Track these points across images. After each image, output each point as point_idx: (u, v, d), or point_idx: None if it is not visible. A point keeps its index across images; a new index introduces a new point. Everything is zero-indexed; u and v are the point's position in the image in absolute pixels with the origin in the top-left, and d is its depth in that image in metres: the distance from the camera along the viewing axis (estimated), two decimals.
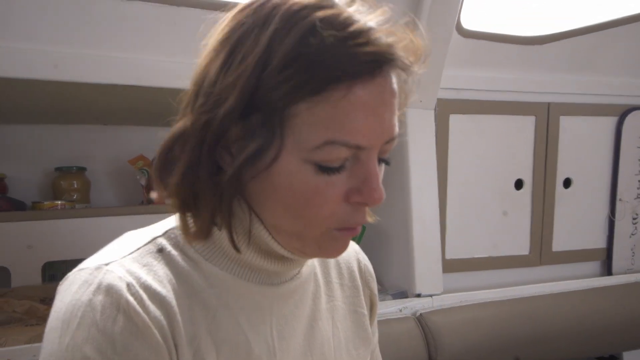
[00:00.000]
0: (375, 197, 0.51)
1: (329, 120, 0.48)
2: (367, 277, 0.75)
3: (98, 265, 0.52)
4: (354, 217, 0.53)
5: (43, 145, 1.47)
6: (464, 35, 1.43)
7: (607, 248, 1.79)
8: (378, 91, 0.49)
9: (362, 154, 0.51)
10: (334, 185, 0.51)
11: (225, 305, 0.56)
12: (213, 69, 0.51)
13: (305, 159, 0.50)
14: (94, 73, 1.12)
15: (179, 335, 0.52)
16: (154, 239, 0.57)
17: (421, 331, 1.34)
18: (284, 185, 0.51)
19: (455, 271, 1.57)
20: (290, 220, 0.53)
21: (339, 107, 0.48)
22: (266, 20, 0.49)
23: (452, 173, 1.55)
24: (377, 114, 0.50)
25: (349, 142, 0.49)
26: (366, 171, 0.51)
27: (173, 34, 1.17)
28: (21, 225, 1.27)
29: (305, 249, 0.55)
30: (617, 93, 1.72)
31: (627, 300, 1.63)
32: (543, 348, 1.46)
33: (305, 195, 0.51)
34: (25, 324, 1.11)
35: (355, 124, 0.49)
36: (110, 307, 0.49)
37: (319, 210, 0.51)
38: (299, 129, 0.49)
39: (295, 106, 0.48)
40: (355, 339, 0.69)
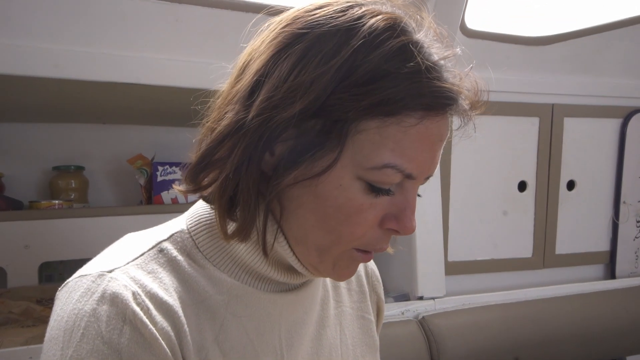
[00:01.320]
0: (409, 227, 0.52)
1: (395, 144, 0.48)
2: (374, 281, 0.73)
3: (101, 272, 0.50)
4: (379, 242, 0.53)
5: (40, 144, 1.46)
6: (468, 35, 1.42)
7: (610, 251, 1.78)
8: (441, 128, 0.50)
9: (408, 184, 0.51)
10: (375, 207, 0.50)
11: (233, 313, 0.54)
12: (284, 65, 0.48)
13: (359, 175, 0.49)
14: (92, 71, 1.11)
15: (186, 345, 0.50)
16: (159, 244, 0.55)
17: (423, 334, 1.33)
18: (328, 196, 0.49)
19: (458, 274, 1.56)
20: (320, 232, 0.51)
21: (408, 135, 0.48)
22: (352, 28, 0.48)
23: (454, 174, 1.54)
24: (433, 150, 0.51)
25: (405, 169, 0.49)
26: (406, 201, 0.51)
27: (173, 31, 1.16)
28: (18, 225, 1.25)
29: (321, 265, 0.54)
30: (622, 95, 1.72)
31: (631, 303, 1.62)
32: (546, 351, 1.45)
33: (347, 212, 0.50)
34: (21, 325, 1.09)
35: (416, 154, 0.49)
36: (115, 317, 0.47)
37: (355, 229, 0.51)
38: (361, 145, 0.48)
39: (366, 122, 0.48)
40: (362, 346, 0.68)
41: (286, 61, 0.48)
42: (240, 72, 0.52)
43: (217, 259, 0.55)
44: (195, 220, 0.57)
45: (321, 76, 0.47)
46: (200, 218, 0.57)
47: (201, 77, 1.11)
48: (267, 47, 0.50)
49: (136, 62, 1.14)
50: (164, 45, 1.16)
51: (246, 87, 0.50)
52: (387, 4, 0.52)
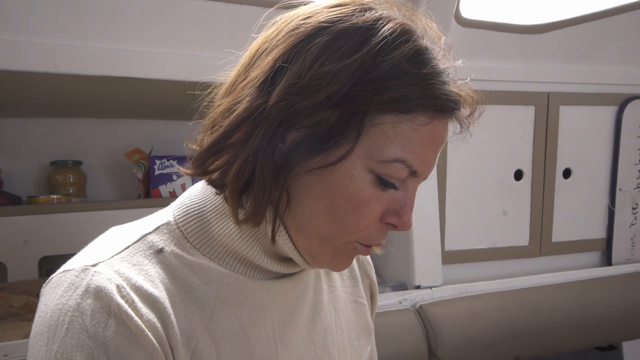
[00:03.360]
0: (407, 223, 0.54)
1: (406, 140, 0.50)
2: (366, 265, 0.74)
3: (84, 266, 0.50)
4: (378, 236, 0.55)
5: (38, 139, 1.46)
6: (463, 24, 1.41)
7: (606, 238, 1.78)
8: (444, 131, 0.53)
9: (410, 182, 0.54)
10: (380, 201, 0.52)
11: (223, 302, 0.55)
12: (306, 55, 0.49)
13: (370, 168, 0.51)
14: (89, 65, 1.11)
15: (173, 336, 0.50)
16: (144, 236, 0.55)
17: (421, 323, 1.34)
18: (339, 186, 0.51)
19: (455, 263, 1.56)
20: (325, 221, 0.52)
21: (419, 133, 0.51)
22: (373, 28, 0.50)
23: (451, 164, 1.54)
24: (435, 151, 0.54)
25: (413, 165, 0.51)
26: (407, 198, 0.54)
27: (169, 25, 1.16)
28: (17, 220, 1.26)
29: (320, 255, 0.55)
30: (617, 82, 1.71)
31: (627, 290, 1.63)
32: (542, 338, 1.46)
33: (355, 202, 0.51)
34: (22, 319, 1.10)
35: (423, 152, 0.52)
36: (100, 311, 0.47)
37: (360, 220, 0.52)
38: (376, 138, 0.50)
39: (382, 116, 0.50)
40: (357, 329, 0.69)
41: (310, 51, 0.49)
42: (254, 60, 0.53)
43: (206, 248, 0.56)
44: (182, 211, 0.57)
45: (345, 68, 0.48)
46: (188, 208, 0.57)
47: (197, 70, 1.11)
48: (286, 36, 0.51)
49: (132, 56, 1.14)
50: (160, 39, 1.16)
51: (266, 73, 0.50)
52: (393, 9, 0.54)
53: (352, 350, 0.67)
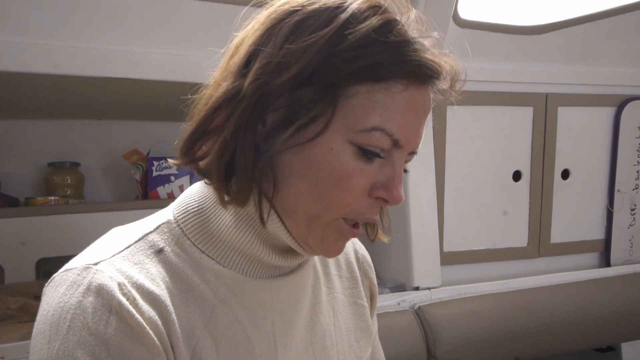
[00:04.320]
0: (396, 195, 0.53)
1: (383, 108, 0.50)
2: (366, 267, 0.74)
3: (86, 265, 0.50)
4: (368, 211, 0.54)
5: (35, 141, 1.45)
6: (461, 25, 1.42)
7: (605, 239, 1.78)
8: (424, 99, 0.53)
9: (395, 153, 0.53)
10: (366, 174, 0.52)
11: (223, 301, 0.55)
12: (277, 36, 0.51)
13: (349, 139, 0.51)
14: (86, 66, 1.10)
15: (174, 334, 0.51)
16: (145, 236, 0.55)
17: (419, 324, 1.34)
18: (320, 161, 0.51)
19: (454, 264, 1.56)
20: (311, 199, 0.52)
21: (395, 101, 0.51)
22: (340, 6, 0.51)
23: (449, 165, 1.54)
24: (418, 120, 0.53)
25: (393, 134, 0.51)
26: (394, 170, 0.53)
27: (166, 26, 1.16)
28: (14, 222, 1.25)
29: (309, 238, 0.54)
30: (616, 83, 1.71)
31: (625, 291, 1.63)
32: (541, 340, 1.46)
33: (338, 176, 0.51)
34: (19, 321, 1.10)
35: (402, 121, 0.51)
36: (101, 308, 0.47)
37: (346, 195, 0.52)
38: (352, 109, 0.50)
39: (356, 87, 0.50)
40: (356, 331, 0.69)
41: (281, 31, 0.51)
42: (235, 51, 0.55)
43: (206, 244, 0.56)
44: (182, 209, 0.58)
45: (314, 43, 0.49)
46: (187, 207, 0.58)
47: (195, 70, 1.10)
48: (261, 23, 0.53)
49: (130, 57, 1.13)
50: (158, 40, 1.16)
51: (241, 58, 0.53)
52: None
53: (351, 352, 0.67)
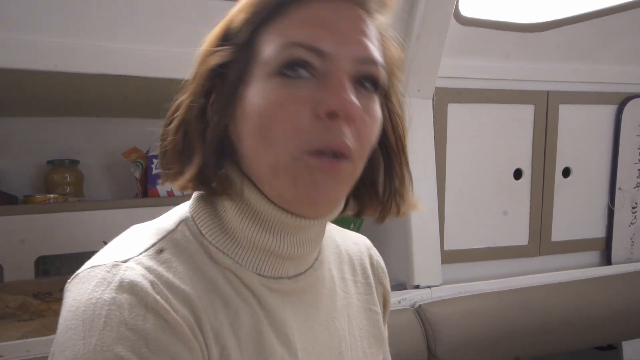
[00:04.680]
0: (338, 99, 0.49)
1: (285, 30, 0.52)
2: (380, 273, 0.73)
3: (115, 262, 0.50)
4: (324, 133, 0.50)
5: (35, 138, 1.45)
6: (462, 22, 1.41)
7: (606, 237, 1.78)
8: (337, 9, 0.52)
9: (329, 66, 0.51)
10: (298, 98, 0.50)
11: (246, 301, 0.54)
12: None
13: (269, 72, 0.51)
14: (86, 63, 1.10)
15: (206, 332, 0.50)
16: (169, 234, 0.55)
17: (420, 322, 1.33)
18: (254, 107, 0.52)
19: (454, 262, 1.56)
20: (261, 149, 0.52)
21: (293, 18, 0.52)
22: None
23: (450, 163, 1.53)
24: (338, 27, 0.52)
25: (305, 42, 0.50)
26: (332, 80, 0.50)
27: (165, 23, 1.15)
28: (13, 220, 1.25)
29: (284, 190, 0.52)
30: (617, 81, 1.71)
31: (626, 289, 1.63)
32: (542, 338, 1.46)
33: (270, 111, 0.51)
34: (18, 319, 1.09)
35: (309, 28, 0.51)
36: (137, 305, 0.47)
37: (284, 124, 0.50)
38: (263, 50, 0.52)
39: (260, 35, 0.53)
40: (370, 337, 0.68)
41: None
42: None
43: (221, 242, 0.55)
44: (197, 207, 0.58)
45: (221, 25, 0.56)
46: (200, 204, 0.58)
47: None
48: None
49: (128, 54, 1.13)
50: (155, 37, 1.15)
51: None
52: None
53: (364, 358, 0.66)
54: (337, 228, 0.73)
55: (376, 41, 0.54)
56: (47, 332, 1.03)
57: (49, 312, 1.12)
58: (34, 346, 0.96)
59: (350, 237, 0.74)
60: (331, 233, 0.70)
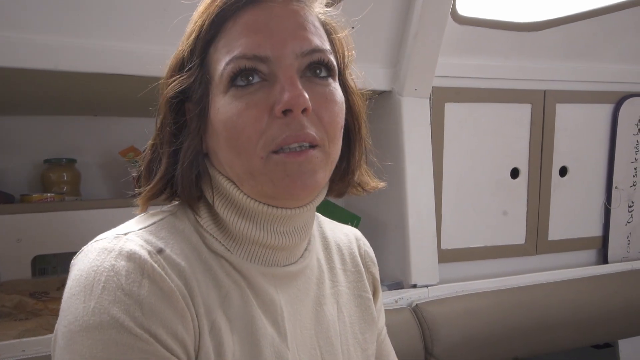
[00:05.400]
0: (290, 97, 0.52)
1: (226, 46, 0.55)
2: (369, 262, 0.75)
3: (116, 234, 0.54)
4: (284, 130, 0.53)
5: (32, 137, 1.45)
6: (459, 22, 1.41)
7: (603, 236, 1.79)
8: (265, 12, 0.55)
9: (274, 67, 0.54)
10: (254, 104, 0.53)
11: (236, 283, 0.57)
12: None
13: (223, 89, 0.55)
14: (83, 62, 1.10)
15: (198, 305, 0.53)
16: (168, 216, 0.59)
17: (417, 322, 1.33)
18: (218, 122, 0.55)
19: (451, 261, 1.56)
20: (234, 158, 0.55)
21: (231, 33, 0.55)
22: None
23: (447, 162, 1.54)
24: (272, 29, 0.54)
25: (245, 53, 0.53)
26: (280, 80, 0.54)
27: (163, 21, 1.15)
28: (10, 219, 1.25)
29: (264, 187, 0.55)
30: (614, 80, 1.72)
31: (623, 288, 1.63)
32: (539, 337, 1.46)
33: (232, 123, 0.54)
34: (14, 319, 1.09)
35: (246, 38, 0.54)
36: (134, 271, 0.50)
37: (247, 132, 0.53)
38: (214, 69, 0.56)
39: (209, 56, 0.56)
40: (361, 323, 0.70)
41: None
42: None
43: (215, 231, 0.59)
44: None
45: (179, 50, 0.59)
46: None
47: None
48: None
49: (125, 53, 1.13)
50: (153, 36, 1.15)
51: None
52: None
53: (356, 343, 0.68)
54: (328, 221, 0.76)
55: (317, 29, 0.57)
56: (43, 332, 1.02)
57: (46, 311, 1.12)
58: (30, 346, 0.96)
59: (341, 229, 0.77)
60: (321, 226, 0.73)
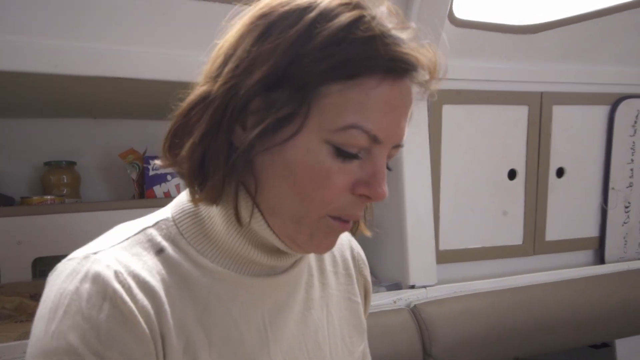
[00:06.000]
0: (379, 192, 0.53)
1: (358, 105, 0.50)
2: (360, 264, 0.75)
3: (86, 254, 0.53)
4: (352, 208, 0.54)
5: (32, 140, 1.45)
6: (456, 24, 1.42)
7: (599, 237, 1.79)
8: (403, 94, 0.52)
9: (375, 149, 0.52)
10: (345, 172, 0.52)
11: (217, 296, 0.56)
12: (248, 39, 0.52)
13: (326, 139, 0.51)
14: (83, 65, 1.10)
15: (166, 325, 0.52)
16: (144, 229, 0.57)
17: (415, 322, 1.34)
18: (298, 161, 0.51)
19: (449, 262, 1.57)
20: (293, 200, 0.53)
21: (370, 97, 0.50)
22: (309, 5, 0.51)
23: (445, 163, 1.54)
24: (397, 114, 0.52)
25: (370, 130, 0.50)
26: (376, 166, 0.53)
27: (162, 25, 1.16)
28: (10, 221, 1.25)
29: (298, 236, 0.55)
30: (610, 82, 1.72)
31: (620, 288, 1.64)
32: (536, 337, 1.47)
33: (317, 176, 0.51)
34: (15, 321, 1.10)
35: (379, 116, 0.51)
36: (96, 295, 0.49)
37: (325, 193, 0.52)
38: (326, 109, 0.50)
39: (328, 86, 0.50)
40: (350, 327, 0.70)
41: (250, 34, 0.52)
42: (216, 55, 0.56)
43: (200, 245, 0.57)
44: (179, 209, 0.60)
45: (280, 44, 0.50)
46: (184, 206, 0.60)
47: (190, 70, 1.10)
48: (237, 30, 0.54)
49: (125, 57, 1.13)
50: (152, 39, 1.16)
51: (217, 63, 0.54)
52: None
53: (343, 347, 0.68)
54: None
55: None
56: None
57: None
58: None
59: None
60: None
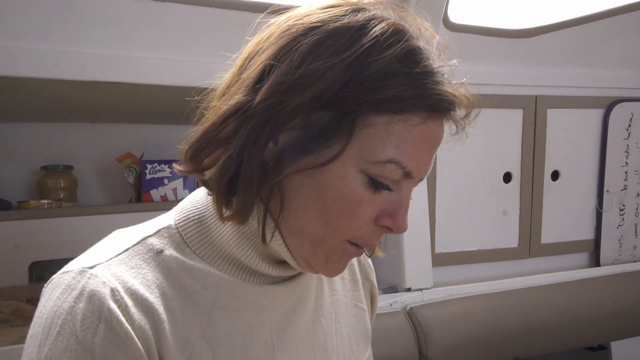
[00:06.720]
0: (402, 225, 0.53)
1: (399, 140, 0.49)
2: (367, 269, 0.74)
3: (82, 268, 0.51)
4: (372, 237, 0.54)
5: (29, 144, 1.45)
6: (451, 28, 1.43)
7: (595, 239, 1.80)
8: (439, 131, 0.52)
9: (405, 183, 0.53)
10: (374, 203, 0.52)
11: (222, 307, 0.55)
12: (298, 53, 0.49)
13: (362, 169, 0.50)
14: (80, 70, 1.11)
15: (165, 344, 0.50)
16: (145, 239, 0.55)
17: (411, 325, 1.34)
18: (330, 187, 0.50)
19: (445, 265, 1.57)
20: (318, 223, 0.52)
21: (412, 133, 0.50)
22: (364, 27, 0.50)
23: (441, 167, 1.55)
24: (431, 152, 0.53)
25: (406, 167, 0.50)
26: (402, 200, 0.53)
27: (159, 30, 1.16)
28: (7, 225, 1.25)
29: (313, 259, 0.54)
30: (604, 85, 1.73)
31: (615, 290, 1.65)
32: (532, 339, 1.47)
33: (347, 204, 0.50)
34: (11, 325, 1.10)
35: (416, 153, 0.51)
36: (91, 315, 0.48)
37: (353, 222, 0.51)
38: (369, 139, 0.49)
39: (374, 117, 0.49)
40: (357, 334, 0.69)
41: (299, 50, 0.49)
42: (247, 62, 0.53)
43: (205, 253, 0.56)
44: (183, 215, 0.58)
45: (334, 66, 0.48)
46: (188, 213, 0.57)
47: (187, 74, 1.11)
48: (278, 37, 0.51)
49: (122, 61, 1.14)
50: (149, 44, 1.16)
51: (256, 73, 0.50)
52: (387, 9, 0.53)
53: (351, 354, 0.67)
54: None
55: None
56: None
57: None
58: None
59: None
60: None
